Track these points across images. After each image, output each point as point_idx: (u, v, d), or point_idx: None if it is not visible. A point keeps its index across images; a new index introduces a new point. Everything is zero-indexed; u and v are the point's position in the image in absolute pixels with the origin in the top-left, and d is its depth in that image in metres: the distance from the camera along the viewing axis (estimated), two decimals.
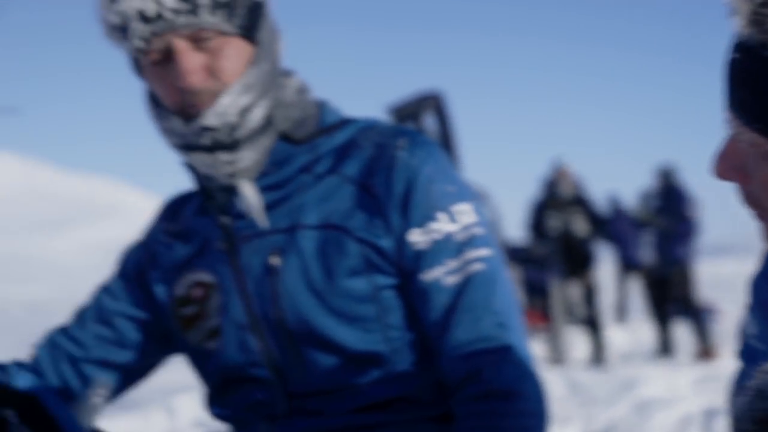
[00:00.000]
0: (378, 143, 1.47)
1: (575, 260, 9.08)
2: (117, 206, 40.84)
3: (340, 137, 1.51)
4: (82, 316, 1.61)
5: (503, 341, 1.41)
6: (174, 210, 1.63)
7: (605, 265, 11.83)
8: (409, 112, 5.08)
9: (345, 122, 1.53)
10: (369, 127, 1.52)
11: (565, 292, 9.05)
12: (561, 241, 9.05)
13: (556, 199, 9.07)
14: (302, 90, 1.51)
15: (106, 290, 1.62)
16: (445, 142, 5.45)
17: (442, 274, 1.42)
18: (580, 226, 9.12)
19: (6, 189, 42.78)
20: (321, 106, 1.54)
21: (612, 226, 10.76)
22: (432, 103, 5.15)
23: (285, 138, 1.48)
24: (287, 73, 1.51)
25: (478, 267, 1.42)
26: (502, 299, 1.43)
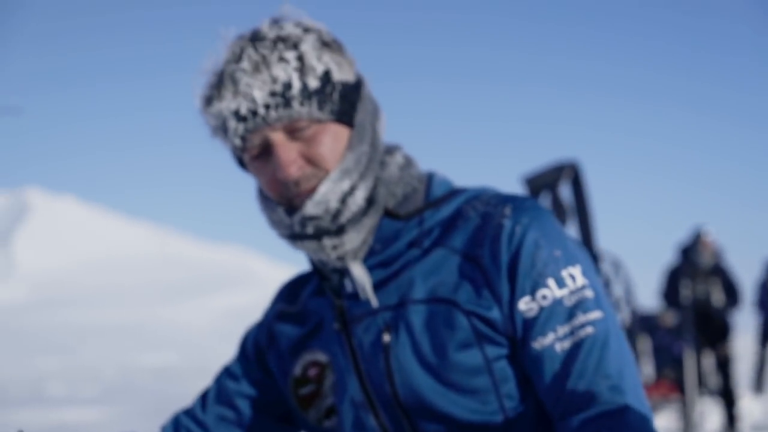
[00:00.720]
0: (484, 213, 1.48)
1: (711, 330, 8.81)
2: (246, 275, 41.72)
3: (446, 209, 1.52)
4: (204, 398, 1.71)
5: (619, 404, 1.39)
6: (292, 292, 1.70)
7: (743, 333, 11.42)
8: (544, 182, 5.01)
9: (453, 193, 1.55)
10: (476, 196, 1.53)
11: (698, 362, 8.77)
12: (696, 310, 8.79)
13: (694, 267, 8.83)
14: (406, 165, 1.54)
15: (227, 372, 1.71)
16: (582, 212, 5.37)
17: (553, 341, 1.41)
18: (717, 296, 8.87)
19: (139, 256, 44.27)
20: (428, 179, 1.57)
21: (762, 291, 10.41)
22: (568, 172, 5.07)
23: (391, 215, 1.51)
24: (390, 150, 1.54)
25: (588, 331, 1.41)
26: (616, 361, 1.41)
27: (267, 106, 1.43)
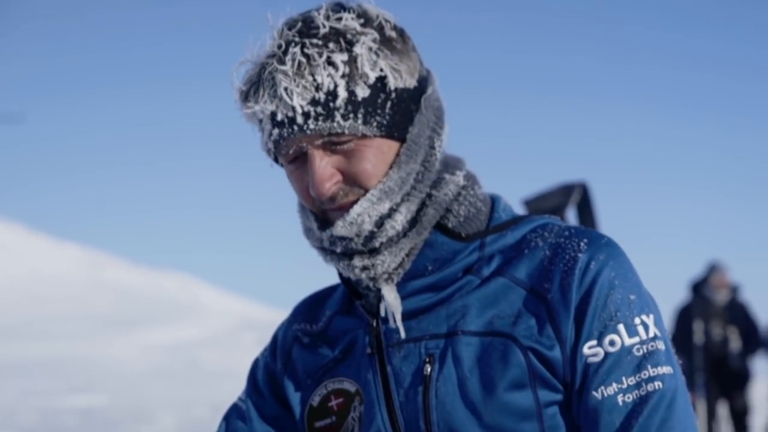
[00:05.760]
0: (554, 244, 1.49)
1: (725, 377, 8.79)
2: (191, 306, 41.55)
3: (511, 236, 1.53)
4: None
5: None
6: (312, 309, 1.68)
7: (761, 381, 11.41)
8: (548, 205, 4.91)
9: (518, 220, 1.55)
10: (544, 225, 1.54)
11: (711, 413, 8.74)
12: (709, 353, 8.76)
13: (708, 305, 8.82)
14: (469, 185, 1.54)
15: (235, 410, 1.68)
16: None
17: (615, 392, 1.41)
18: (733, 338, 8.85)
19: (65, 283, 43.99)
20: (492, 201, 1.57)
21: None
22: (576, 194, 4.98)
23: (450, 234, 1.50)
24: (451, 166, 1.53)
25: (656, 386, 1.42)
26: (682, 424, 1.42)
27: (306, 115, 1.42)
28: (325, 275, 1.66)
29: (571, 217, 5.21)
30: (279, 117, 1.43)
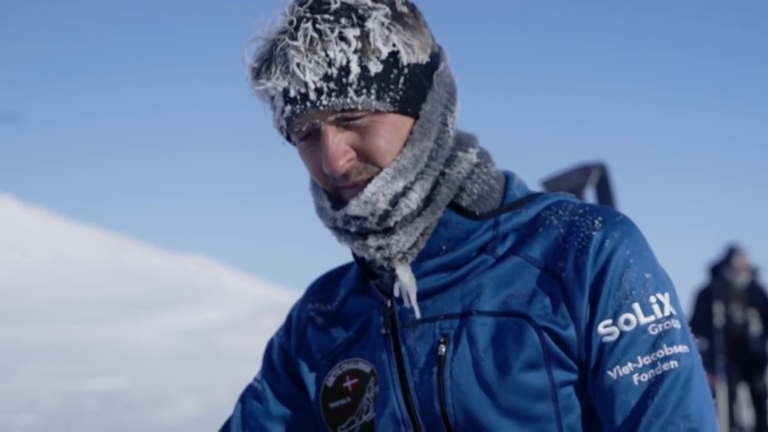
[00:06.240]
0: (569, 222, 1.48)
1: (746, 361, 8.76)
2: (212, 289, 41.69)
3: (525, 214, 1.52)
4: (227, 428, 1.68)
5: None
6: (326, 289, 1.67)
7: None
8: (567, 186, 4.86)
9: (532, 197, 1.54)
10: (558, 203, 1.53)
11: (731, 397, 8.72)
12: (730, 337, 8.73)
13: (727, 288, 8.78)
14: (483, 162, 1.52)
15: (251, 390, 1.68)
16: None
17: (631, 372, 1.41)
18: (753, 321, 8.81)
19: (87, 266, 44.19)
20: (506, 179, 1.56)
21: None
22: (595, 175, 4.94)
23: (464, 213, 1.49)
24: (465, 143, 1.52)
25: (672, 365, 1.41)
26: (698, 403, 1.41)
27: (319, 91, 1.41)
28: (343, 258, 1.67)
29: (590, 197, 5.18)
30: (291, 93, 1.42)
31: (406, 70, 1.44)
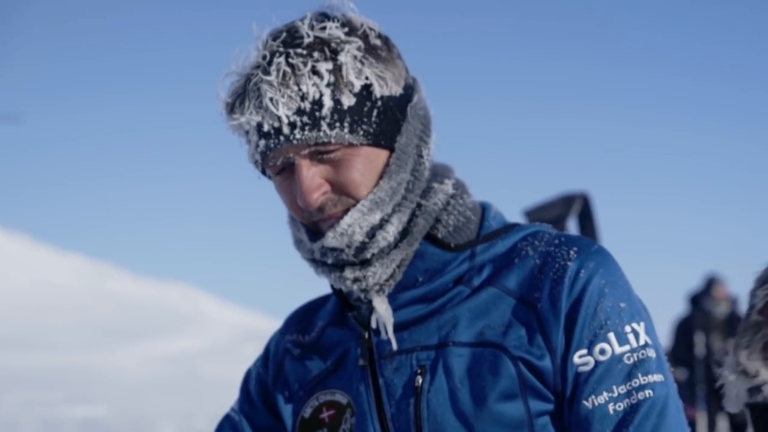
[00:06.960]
0: (544, 252, 1.48)
1: None
2: (193, 317, 41.51)
3: (501, 245, 1.52)
4: None
5: None
6: (304, 320, 1.67)
7: None
8: (549, 215, 4.88)
9: (508, 228, 1.54)
10: (535, 234, 1.53)
11: (711, 427, 8.73)
12: (710, 367, 8.75)
13: (708, 318, 8.81)
14: (458, 193, 1.53)
15: (228, 421, 1.69)
16: None
17: (606, 401, 1.41)
18: None
19: (68, 293, 43.96)
20: (483, 210, 1.56)
21: None
22: (578, 205, 4.96)
23: (440, 244, 1.49)
24: (440, 175, 1.52)
25: (647, 394, 1.41)
26: (673, 431, 1.41)
27: (292, 125, 1.41)
28: (323, 286, 1.67)
29: (573, 227, 5.20)
30: (265, 128, 1.42)
31: (379, 103, 1.44)
